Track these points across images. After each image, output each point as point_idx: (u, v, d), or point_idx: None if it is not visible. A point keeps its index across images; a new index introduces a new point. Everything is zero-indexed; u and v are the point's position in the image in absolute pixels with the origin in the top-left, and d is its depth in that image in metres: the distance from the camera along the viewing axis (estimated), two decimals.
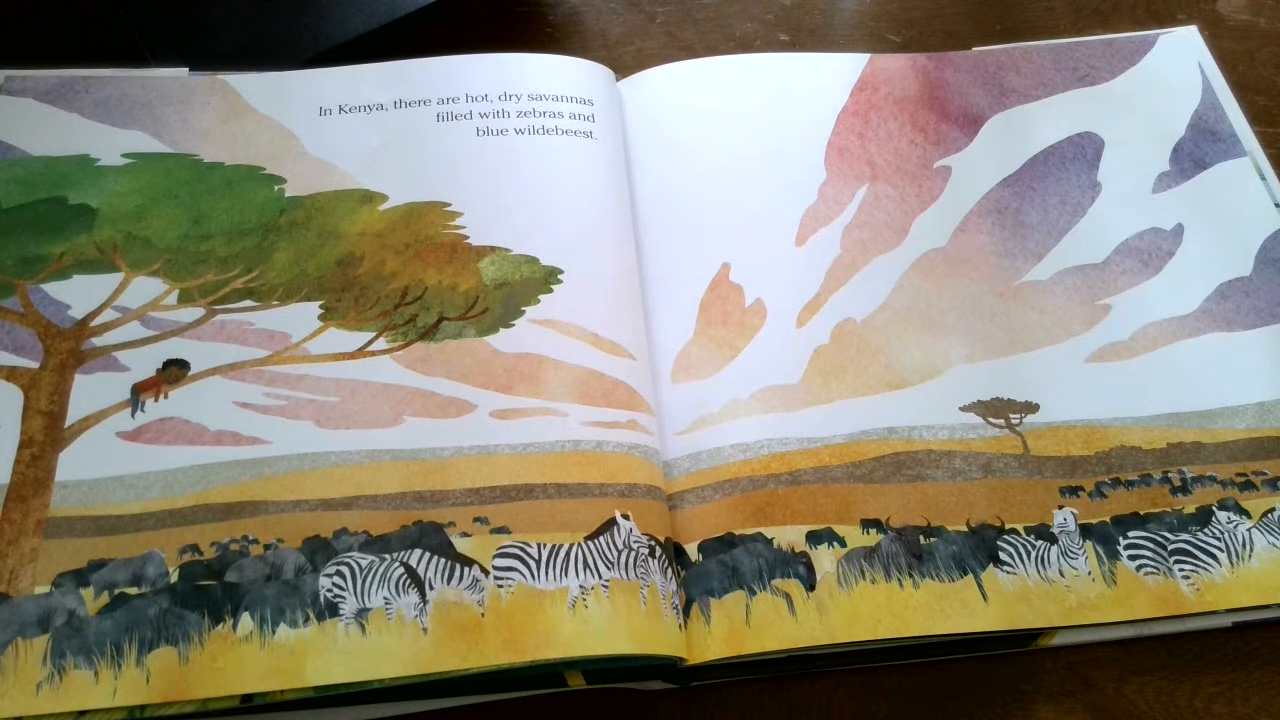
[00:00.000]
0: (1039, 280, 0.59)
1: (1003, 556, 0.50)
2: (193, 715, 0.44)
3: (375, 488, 0.50)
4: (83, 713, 0.43)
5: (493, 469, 0.50)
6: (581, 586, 0.47)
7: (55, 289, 0.54)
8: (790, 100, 0.65)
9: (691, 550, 0.50)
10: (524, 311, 0.55)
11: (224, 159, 0.59)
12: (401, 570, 0.47)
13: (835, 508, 0.51)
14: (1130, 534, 0.50)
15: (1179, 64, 0.67)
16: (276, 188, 0.59)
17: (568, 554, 0.48)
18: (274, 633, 0.45)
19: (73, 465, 0.49)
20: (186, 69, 0.63)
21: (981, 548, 0.50)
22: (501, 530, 0.49)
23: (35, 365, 0.52)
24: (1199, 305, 0.58)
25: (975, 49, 0.68)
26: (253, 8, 0.66)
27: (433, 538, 0.48)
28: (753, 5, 0.73)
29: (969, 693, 0.48)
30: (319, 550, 0.48)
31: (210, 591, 0.46)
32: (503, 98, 0.62)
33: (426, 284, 0.56)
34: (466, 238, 0.57)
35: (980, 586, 0.49)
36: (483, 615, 0.46)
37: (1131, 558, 0.50)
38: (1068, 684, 0.49)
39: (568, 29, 0.71)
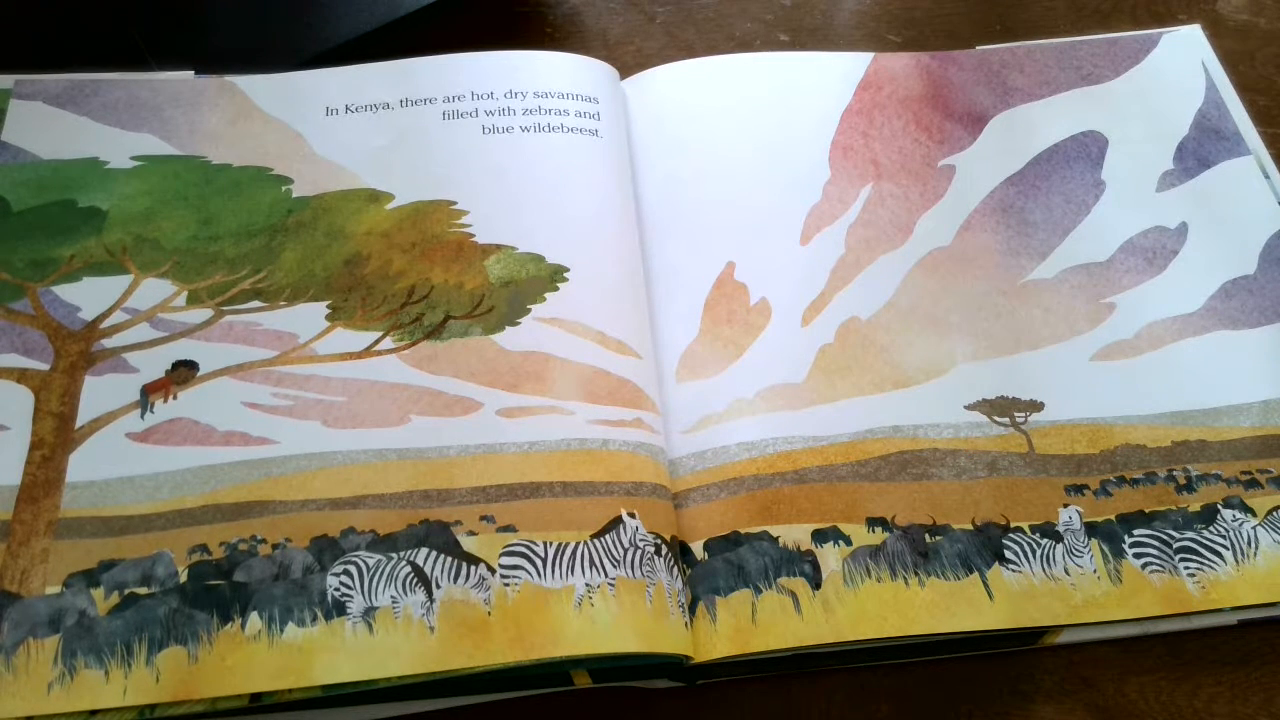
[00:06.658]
0: (1043, 279, 0.59)
1: (1008, 555, 0.50)
2: (202, 715, 0.44)
3: (382, 487, 0.50)
4: (93, 712, 0.44)
5: (499, 467, 0.51)
6: (588, 585, 0.47)
7: (65, 291, 0.55)
8: (794, 99, 0.65)
9: (697, 549, 0.50)
10: (530, 310, 0.55)
11: (232, 160, 0.60)
12: (408, 569, 0.47)
13: (841, 506, 0.51)
14: (1135, 532, 0.51)
15: (1182, 63, 0.67)
16: (284, 188, 0.59)
17: (574, 552, 0.48)
18: (282, 632, 0.46)
19: (83, 466, 0.50)
20: (192, 71, 0.63)
21: (987, 546, 0.50)
22: (508, 529, 0.49)
23: (46, 367, 0.52)
24: (1203, 304, 0.58)
25: (979, 48, 0.68)
26: (253, 8, 0.66)
27: (439, 536, 0.48)
28: (753, 5, 0.73)
29: (969, 693, 0.49)
30: (326, 549, 0.48)
31: (219, 591, 0.47)
32: (508, 95, 0.62)
33: (433, 283, 0.56)
34: (472, 236, 0.57)
35: (986, 585, 0.49)
36: (489, 614, 0.46)
37: (1137, 556, 0.50)
38: (1068, 684, 0.49)
39: (568, 29, 0.71)
